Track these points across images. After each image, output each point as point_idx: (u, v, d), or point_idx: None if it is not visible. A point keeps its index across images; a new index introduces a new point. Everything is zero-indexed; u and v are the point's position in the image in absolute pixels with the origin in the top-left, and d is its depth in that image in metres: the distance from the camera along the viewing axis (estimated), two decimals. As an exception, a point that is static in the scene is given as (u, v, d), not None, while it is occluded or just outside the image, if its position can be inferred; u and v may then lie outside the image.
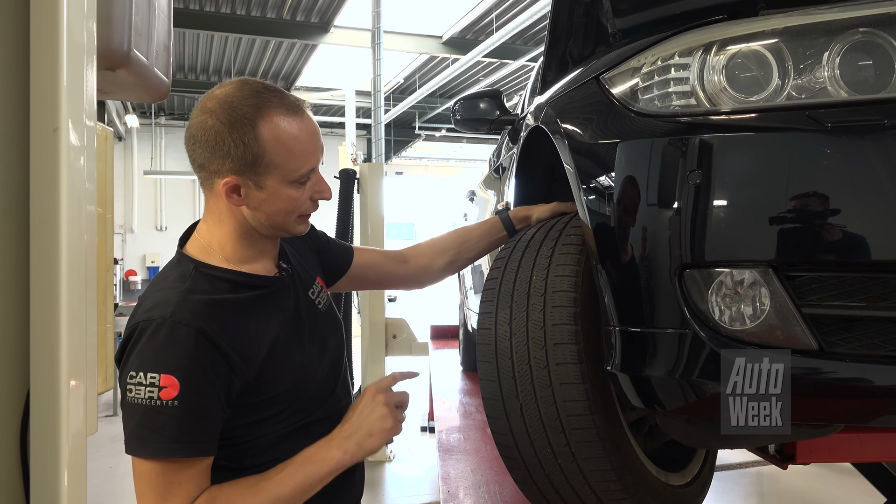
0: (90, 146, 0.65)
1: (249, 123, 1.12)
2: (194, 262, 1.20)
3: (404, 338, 5.56)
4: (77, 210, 0.62)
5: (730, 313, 1.05)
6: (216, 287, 1.18)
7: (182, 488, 1.08)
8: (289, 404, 1.22)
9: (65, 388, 0.60)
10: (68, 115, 0.61)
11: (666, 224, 1.08)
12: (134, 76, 0.75)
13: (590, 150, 1.27)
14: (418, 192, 22.75)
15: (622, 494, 1.23)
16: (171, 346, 1.07)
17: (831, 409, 1.05)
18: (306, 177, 1.20)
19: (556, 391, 1.20)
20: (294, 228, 1.26)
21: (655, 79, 1.17)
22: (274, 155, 1.14)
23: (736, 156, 1.06)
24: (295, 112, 1.17)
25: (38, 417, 0.57)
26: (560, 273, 1.29)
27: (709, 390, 1.06)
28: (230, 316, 1.15)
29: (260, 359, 1.17)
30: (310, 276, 1.40)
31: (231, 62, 12.85)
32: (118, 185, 17.20)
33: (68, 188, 0.61)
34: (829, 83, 1.03)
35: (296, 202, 1.21)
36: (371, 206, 5.52)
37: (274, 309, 1.24)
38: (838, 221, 0.97)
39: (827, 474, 5.15)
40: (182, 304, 1.11)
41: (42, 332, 0.60)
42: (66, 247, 0.58)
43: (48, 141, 0.60)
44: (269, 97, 1.15)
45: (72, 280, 0.59)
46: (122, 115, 15.85)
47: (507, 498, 1.96)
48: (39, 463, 0.59)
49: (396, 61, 12.70)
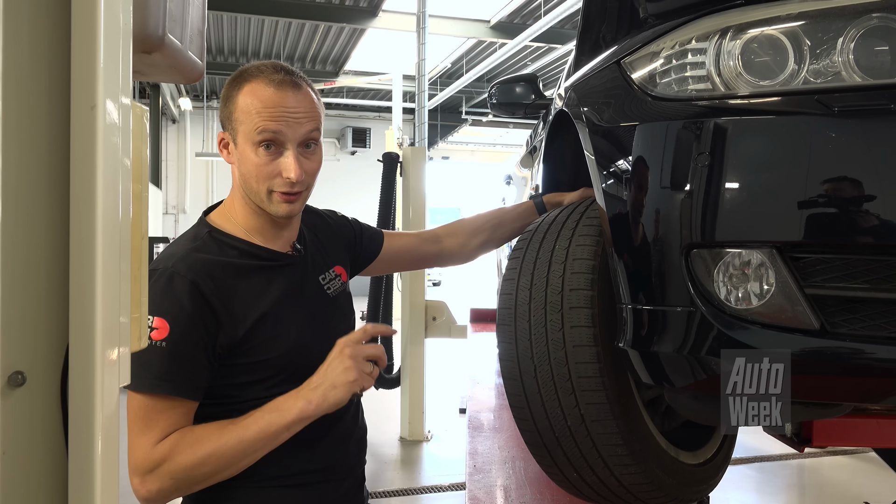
0: (125, 123, 0.71)
1: (235, 85, 1.27)
2: (209, 227, 1.31)
3: (444, 320, 5.61)
4: (112, 182, 0.69)
5: (735, 293, 1.07)
6: (223, 251, 1.28)
7: (161, 424, 1.16)
8: (276, 372, 1.27)
9: (99, 343, 0.67)
10: (105, 93, 0.67)
11: (678, 205, 1.11)
12: (168, 59, 0.81)
13: (607, 132, 1.30)
14: (464, 177, 22.73)
15: (628, 460, 1.26)
16: (166, 292, 1.18)
17: (834, 387, 1.07)
18: (265, 142, 1.25)
19: (569, 353, 1.24)
20: (272, 205, 1.28)
21: (673, 63, 1.19)
22: (240, 112, 1.25)
23: (748, 139, 1.08)
24: (277, 84, 1.25)
25: (77, 366, 0.64)
26: (581, 243, 1.33)
27: (715, 367, 1.09)
28: (228, 277, 1.24)
29: (250, 321, 1.24)
30: (326, 262, 1.44)
31: (281, 47, 13.01)
32: (171, 167, 17.62)
33: (104, 162, 0.67)
34: (843, 68, 1.05)
35: (259, 169, 1.25)
36: (413, 190, 5.57)
37: (276, 280, 1.31)
38: (844, 204, 0.99)
39: (871, 469, 5.04)
40: (184, 258, 1.22)
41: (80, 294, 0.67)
42: (101, 213, 0.65)
43: (86, 117, 0.66)
44: (264, 69, 1.27)
45: (106, 247, 0.66)
46: (176, 98, 16.20)
47: (531, 474, 2.00)
48: (77, 407, 0.66)
49: (444, 46, 12.69)
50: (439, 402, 6.64)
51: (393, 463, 5.19)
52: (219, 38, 12.91)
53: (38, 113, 0.65)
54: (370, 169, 2.74)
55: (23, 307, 0.63)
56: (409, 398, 5.65)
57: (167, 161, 17.48)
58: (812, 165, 1.01)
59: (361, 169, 16.58)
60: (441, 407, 6.54)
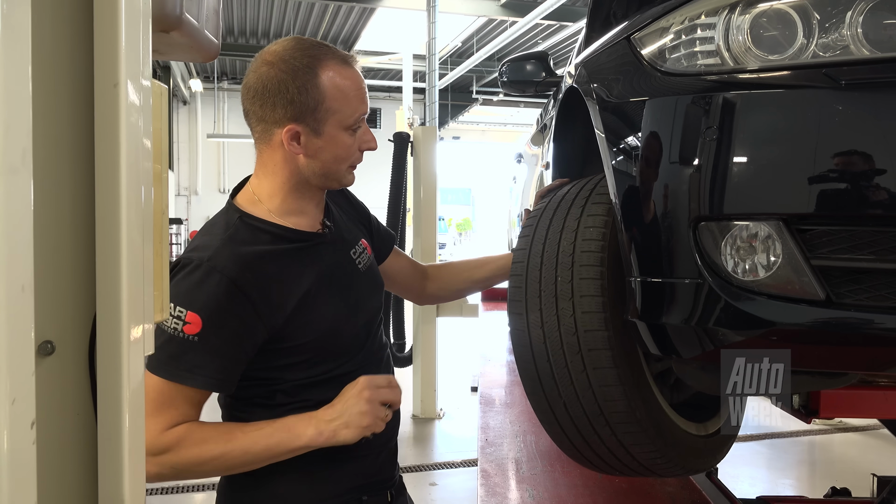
0: (146, 101, 0.73)
1: (311, 71, 1.23)
2: (240, 212, 1.30)
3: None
4: (134, 160, 0.71)
5: (742, 265, 1.09)
6: (256, 237, 1.27)
7: (175, 411, 1.19)
8: (315, 353, 1.29)
9: (125, 314, 0.70)
10: (126, 71, 0.69)
11: (686, 179, 1.13)
12: (186, 38, 0.83)
13: (617, 108, 1.31)
14: (475, 157, 22.67)
15: (637, 430, 1.29)
16: (202, 287, 1.18)
17: (839, 357, 1.08)
18: (358, 123, 1.29)
19: (579, 325, 1.26)
20: (345, 178, 1.34)
21: (683, 38, 1.20)
22: (332, 101, 1.24)
23: (756, 113, 1.09)
24: (348, 62, 1.28)
25: (104, 336, 0.67)
26: (590, 224, 1.35)
27: (722, 338, 1.11)
28: (265, 265, 1.24)
29: (290, 308, 1.25)
30: (354, 236, 1.46)
31: (291, 27, 12.98)
32: (184, 149, 17.67)
33: (127, 139, 0.70)
34: (851, 41, 1.05)
35: (349, 149, 1.30)
36: (424, 170, 5.57)
37: (310, 262, 1.31)
38: (850, 177, 1.00)
39: (881, 445, 5.06)
40: (221, 250, 1.22)
41: (106, 267, 0.69)
42: (125, 190, 0.67)
43: (109, 95, 0.68)
44: (325, 50, 1.27)
45: (130, 223, 0.69)
46: (187, 79, 16.20)
47: (542, 447, 2.04)
48: (105, 376, 0.69)
49: (454, 24, 12.62)
50: (451, 380, 6.69)
51: (406, 440, 5.25)
52: (228, 19, 12.89)
53: (62, 92, 0.68)
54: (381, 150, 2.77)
55: (53, 279, 0.65)
56: (422, 376, 5.70)
57: (179, 143, 17.54)
58: (819, 139, 1.02)
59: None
60: (453, 385, 6.60)
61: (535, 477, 1.82)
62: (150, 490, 4.19)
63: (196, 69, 16.49)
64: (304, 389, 1.30)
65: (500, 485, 1.78)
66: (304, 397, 1.29)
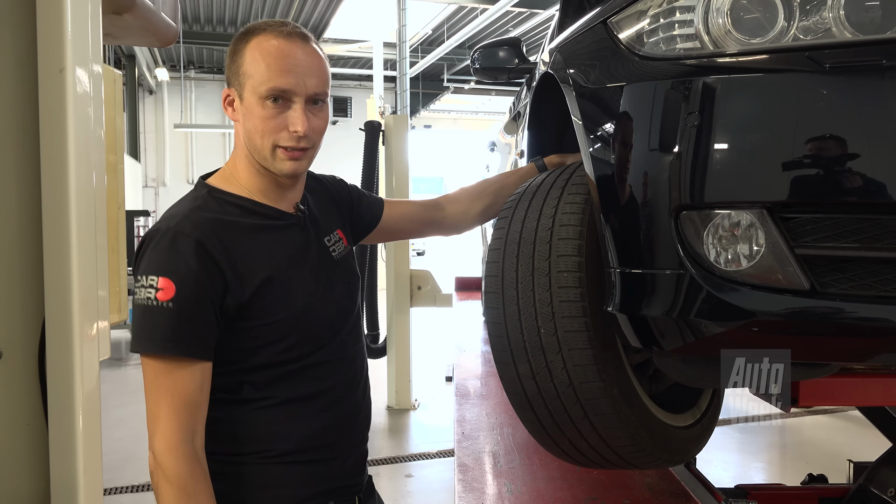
0: (97, 88, 0.68)
1: (245, 39, 1.25)
2: (209, 187, 1.28)
3: (429, 289, 5.63)
4: (85, 150, 0.66)
5: (725, 254, 1.07)
6: (225, 210, 1.25)
7: (178, 392, 1.15)
8: (283, 336, 1.25)
9: (77, 317, 0.65)
10: (74, 55, 0.64)
11: (667, 166, 1.10)
12: (140, 20, 0.78)
13: (594, 94, 1.28)
14: (447, 145, 22.62)
15: (616, 422, 1.27)
16: (171, 252, 1.16)
17: (824, 347, 1.07)
18: (274, 95, 1.22)
19: (557, 317, 1.24)
20: (276, 162, 1.26)
21: (661, 21, 1.17)
22: (248, 65, 1.23)
23: (737, 98, 1.06)
24: (285, 36, 1.25)
25: (54, 340, 0.62)
26: (568, 210, 1.33)
27: (705, 330, 1.09)
28: (232, 235, 1.22)
29: (257, 281, 1.22)
30: (329, 225, 1.43)
31: (258, 14, 12.79)
32: (150, 139, 17.38)
33: (76, 128, 0.65)
34: (833, 24, 1.03)
35: (265, 123, 1.23)
36: (396, 159, 5.53)
37: (281, 240, 1.29)
38: (835, 163, 0.98)
39: (850, 427, 5.15)
40: (187, 217, 1.20)
41: (55, 267, 0.64)
42: (74, 184, 0.62)
43: (55, 81, 0.63)
44: (276, 24, 1.27)
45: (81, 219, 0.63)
46: (153, 68, 15.91)
47: (520, 440, 2.02)
48: (56, 382, 0.64)
49: (424, 12, 12.53)
50: (426, 370, 6.68)
51: (381, 431, 5.23)
52: (195, 7, 12.67)
53: (2, 78, 0.62)
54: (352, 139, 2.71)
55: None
56: (396, 367, 5.68)
57: (145, 133, 17.24)
58: (802, 124, 1.00)
59: (343, 139, 16.40)
60: (427, 375, 6.58)
61: (513, 471, 1.80)
62: (122, 488, 4.12)
63: (162, 57, 16.20)
64: (274, 382, 1.27)
65: (477, 479, 1.76)
66: (271, 393, 1.26)
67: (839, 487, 2.18)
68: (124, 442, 4.71)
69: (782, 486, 2.27)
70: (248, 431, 1.25)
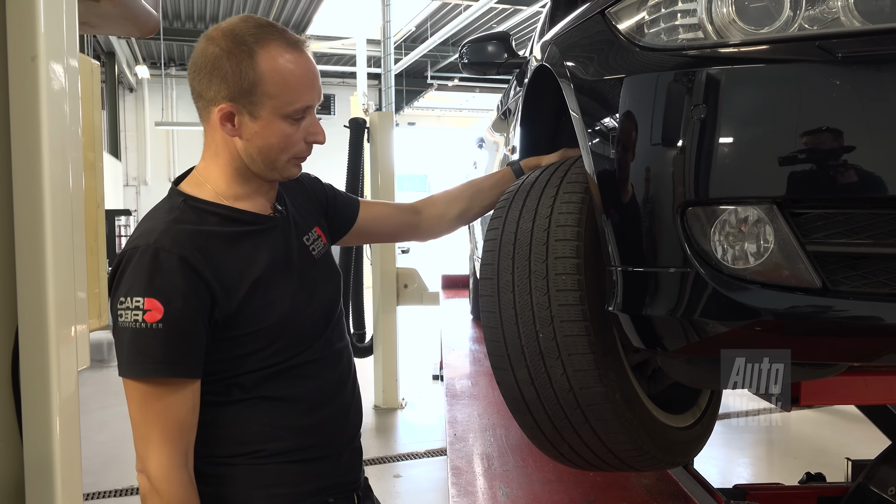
0: (73, 80, 0.63)
1: (248, 51, 1.16)
2: (184, 195, 1.23)
3: (415, 287, 5.59)
4: (60, 146, 0.61)
5: (733, 252, 1.03)
6: (203, 219, 1.20)
7: (167, 413, 1.13)
8: (270, 342, 1.23)
9: (53, 326, 0.59)
10: (47, 44, 0.59)
11: (671, 161, 1.06)
12: (119, 7, 0.73)
13: (593, 86, 1.24)
14: (431, 143, 22.56)
15: (616, 424, 1.24)
16: (154, 271, 1.11)
17: (836, 347, 1.04)
18: (300, 113, 1.21)
19: (555, 318, 1.21)
20: (286, 170, 1.26)
21: (662, 11, 1.13)
22: (269, 85, 1.16)
23: (743, 90, 1.03)
24: (294, 47, 1.20)
25: (28, 347, 0.57)
26: (564, 210, 1.29)
27: (711, 330, 1.05)
28: (214, 246, 1.18)
29: (242, 291, 1.19)
30: (307, 223, 1.40)
31: (240, 10, 12.67)
32: (131, 137, 17.20)
33: (49, 122, 0.59)
34: (842, 13, 1.00)
35: (289, 139, 1.22)
36: (381, 156, 5.49)
37: (262, 246, 1.25)
38: (846, 156, 0.95)
39: (836, 421, 5.17)
40: (166, 232, 1.15)
41: (28, 269, 0.59)
42: (49, 178, 0.57)
43: (26, 70, 0.58)
44: (271, 30, 1.19)
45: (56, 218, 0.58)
46: (133, 66, 15.73)
47: (513, 441, 1.98)
48: (31, 391, 0.59)
49: (408, 8, 12.46)
50: (412, 369, 6.64)
51: (368, 431, 5.18)
52: (175, 3, 12.53)
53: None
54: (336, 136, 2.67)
55: (-39, 286, 0.56)
56: (383, 366, 5.64)
57: (126, 131, 17.05)
58: (812, 115, 0.97)
59: (327, 136, 16.30)
60: (414, 374, 6.54)
61: (508, 473, 1.76)
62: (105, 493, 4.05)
63: (142, 54, 16.02)
64: (261, 383, 1.24)
65: (471, 483, 1.72)
66: (259, 393, 1.24)
67: (838, 486, 2.16)
68: (107, 445, 4.62)
69: (780, 485, 2.25)
70: (239, 433, 1.24)
